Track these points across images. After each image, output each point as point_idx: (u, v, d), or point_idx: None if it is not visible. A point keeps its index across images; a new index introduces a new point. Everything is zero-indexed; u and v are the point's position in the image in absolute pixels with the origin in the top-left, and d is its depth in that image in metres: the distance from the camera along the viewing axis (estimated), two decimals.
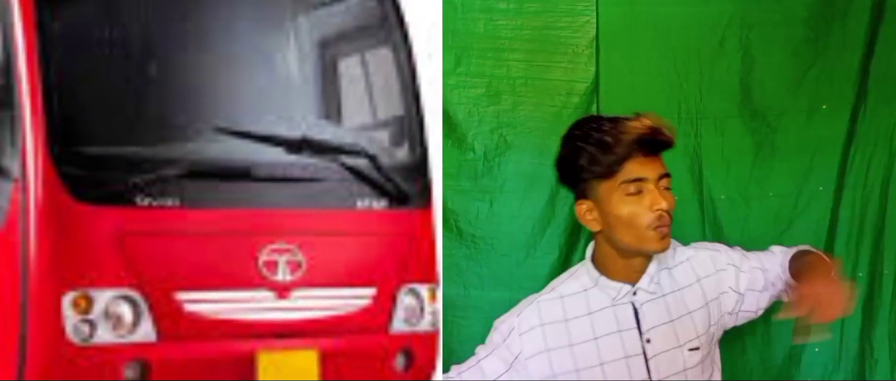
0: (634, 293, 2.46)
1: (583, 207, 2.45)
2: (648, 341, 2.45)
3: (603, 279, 2.48)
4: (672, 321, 2.45)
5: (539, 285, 2.99)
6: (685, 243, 2.65)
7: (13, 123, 2.64)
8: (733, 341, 3.07)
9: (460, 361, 2.65)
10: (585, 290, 2.51)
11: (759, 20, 3.15)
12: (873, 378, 3.15)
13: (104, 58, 2.71)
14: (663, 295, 2.47)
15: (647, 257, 2.46)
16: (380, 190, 2.97)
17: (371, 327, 2.95)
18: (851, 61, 3.16)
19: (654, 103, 3.02)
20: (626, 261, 2.45)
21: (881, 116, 3.17)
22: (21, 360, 2.59)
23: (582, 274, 2.55)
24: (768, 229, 3.15)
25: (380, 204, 2.97)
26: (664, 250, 2.39)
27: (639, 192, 2.36)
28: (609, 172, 2.36)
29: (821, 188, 3.18)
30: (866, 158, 3.17)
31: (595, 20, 3.15)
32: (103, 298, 2.62)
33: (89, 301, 2.61)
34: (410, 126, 3.07)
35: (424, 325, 3.03)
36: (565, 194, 3.18)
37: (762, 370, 3.18)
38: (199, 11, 2.85)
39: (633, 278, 2.46)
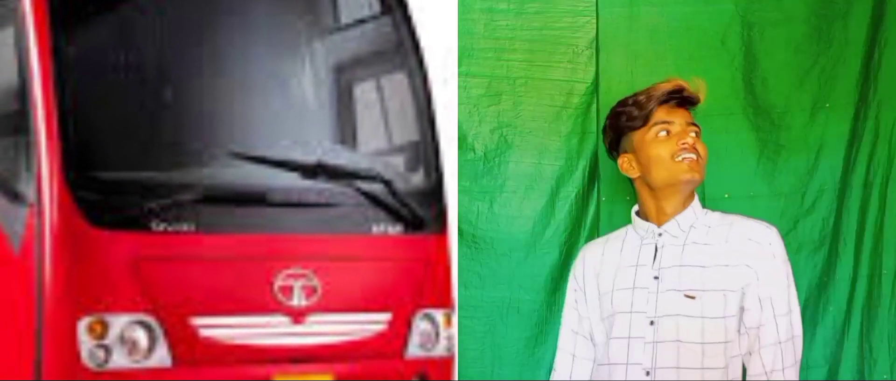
0: (660, 235, 2.69)
1: (623, 159, 2.79)
2: (656, 277, 2.64)
3: (637, 219, 2.74)
4: (682, 266, 2.63)
5: (539, 285, 3.05)
6: None
7: (28, 147, 2.63)
8: None
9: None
10: (625, 233, 2.78)
11: (760, 19, 3.18)
12: (873, 378, 3.14)
13: (120, 83, 2.71)
14: (685, 243, 2.67)
15: (682, 204, 2.70)
16: (395, 215, 2.96)
17: (386, 352, 2.93)
18: (853, 60, 3.19)
19: None
20: (657, 204, 2.70)
21: (882, 115, 3.18)
22: None
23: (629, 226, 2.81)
24: None
25: (395, 229, 2.97)
26: (693, 179, 2.65)
27: (668, 133, 2.70)
28: (644, 121, 2.72)
29: (826, 187, 3.18)
30: (866, 156, 3.17)
31: (595, 20, 3.18)
32: (119, 323, 2.61)
33: (105, 326, 2.60)
34: (426, 151, 3.06)
35: (440, 350, 3.01)
36: (565, 194, 3.21)
37: None
38: (214, 36, 2.85)
39: (663, 222, 2.71)
